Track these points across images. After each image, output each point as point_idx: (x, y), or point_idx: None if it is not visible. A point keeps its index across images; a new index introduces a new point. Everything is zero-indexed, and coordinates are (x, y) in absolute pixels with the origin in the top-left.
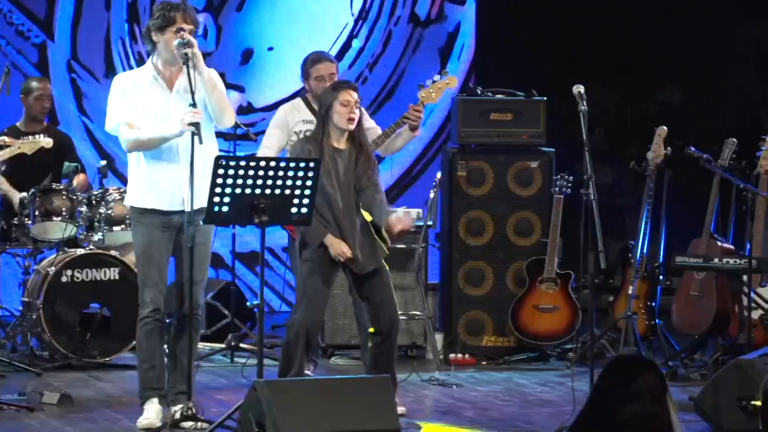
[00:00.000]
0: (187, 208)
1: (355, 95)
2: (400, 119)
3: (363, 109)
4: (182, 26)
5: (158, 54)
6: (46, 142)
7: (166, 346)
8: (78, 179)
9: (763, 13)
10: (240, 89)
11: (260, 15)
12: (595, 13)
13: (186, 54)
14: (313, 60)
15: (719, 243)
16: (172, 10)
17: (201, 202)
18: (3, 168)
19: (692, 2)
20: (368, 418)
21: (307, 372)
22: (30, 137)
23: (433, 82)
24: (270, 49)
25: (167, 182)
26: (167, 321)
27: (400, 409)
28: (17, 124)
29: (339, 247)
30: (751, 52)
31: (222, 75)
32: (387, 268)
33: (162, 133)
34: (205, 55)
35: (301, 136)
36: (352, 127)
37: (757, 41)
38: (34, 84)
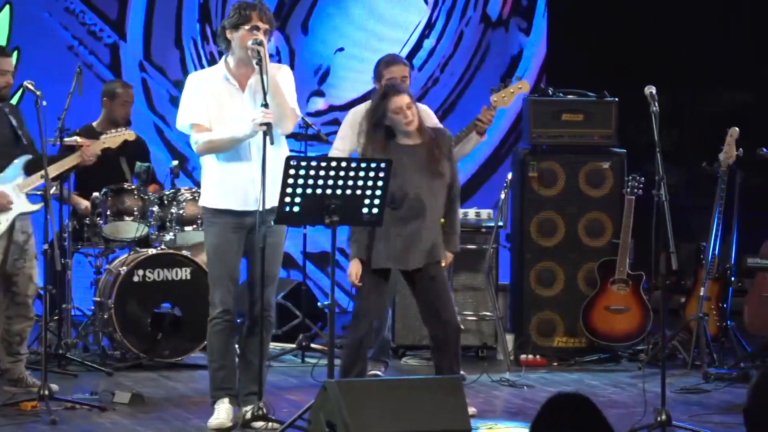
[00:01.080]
0: (260, 208)
1: (405, 99)
2: (473, 122)
3: (429, 111)
4: (257, 24)
5: (231, 53)
6: (129, 134)
7: (237, 346)
8: (151, 188)
9: None
10: (321, 94)
11: (331, 15)
12: (665, 14)
13: (259, 53)
14: (386, 62)
15: None
16: (248, 9)
17: (273, 201)
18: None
19: (757, 2)
20: (439, 418)
21: (377, 372)
22: (113, 131)
23: (506, 86)
24: (340, 49)
25: (240, 182)
26: (238, 321)
27: (471, 410)
28: (93, 124)
29: (351, 270)
30: None
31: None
32: (443, 270)
33: (233, 134)
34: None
35: None
36: (413, 128)
37: None
38: (120, 89)
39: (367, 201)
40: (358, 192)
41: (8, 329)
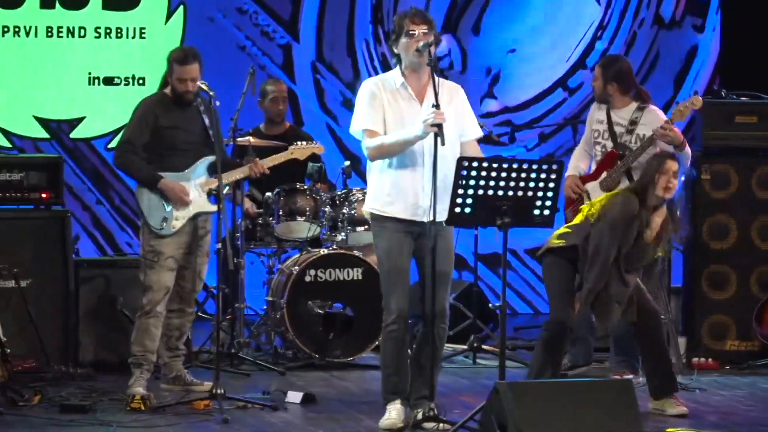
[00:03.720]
0: (430, 210)
1: (675, 166)
2: (652, 135)
3: None
4: (411, 28)
5: (404, 64)
6: (318, 148)
7: (410, 350)
8: (320, 186)
9: None
10: (493, 96)
11: (503, 17)
12: None
13: (429, 53)
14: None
15: None
16: (402, 18)
17: (442, 214)
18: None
19: None
20: (610, 421)
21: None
22: (302, 143)
23: (682, 103)
24: (512, 51)
25: (410, 192)
26: (410, 322)
27: (681, 410)
28: (260, 126)
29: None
30: None
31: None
32: None
33: (404, 136)
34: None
35: (595, 136)
36: (669, 196)
37: None
38: (269, 87)
39: (538, 202)
40: (530, 193)
41: (169, 323)
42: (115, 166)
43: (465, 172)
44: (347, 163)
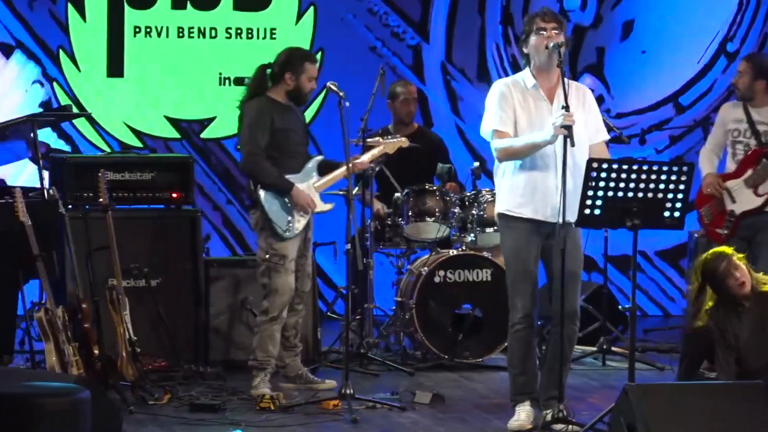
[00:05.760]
0: (560, 210)
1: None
2: None
3: None
4: (542, 26)
5: (533, 63)
6: (402, 141)
7: (538, 350)
8: (449, 186)
9: None
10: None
11: (633, 18)
12: None
13: (559, 53)
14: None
15: None
16: (533, 17)
17: (573, 215)
18: (377, 168)
19: None
20: (742, 424)
21: None
22: (389, 137)
23: None
24: (643, 52)
25: (542, 193)
26: (539, 323)
27: None
28: (389, 126)
29: None
30: None
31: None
32: None
33: (533, 140)
34: None
35: (735, 135)
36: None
37: None
38: (399, 88)
39: (668, 204)
40: (660, 195)
41: (285, 323)
42: (243, 171)
43: (595, 174)
44: (476, 164)
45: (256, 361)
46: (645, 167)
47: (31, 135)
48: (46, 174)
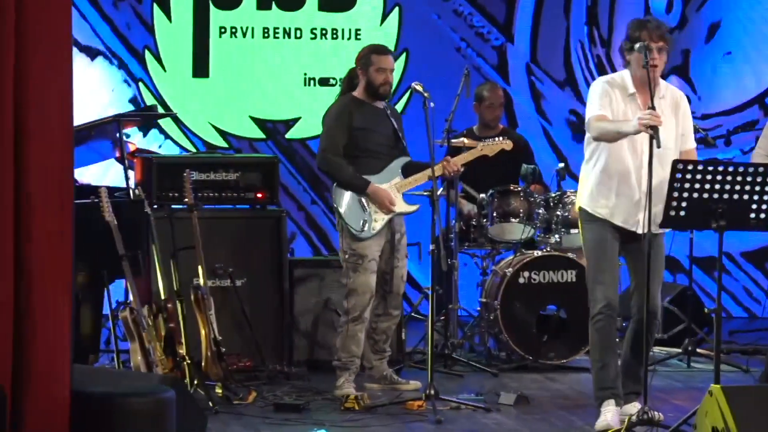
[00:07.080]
0: (645, 210)
1: None
2: None
3: None
4: (648, 44)
5: (632, 73)
6: (506, 144)
7: (620, 351)
8: (534, 187)
9: None
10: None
11: (721, 19)
12: None
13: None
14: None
15: None
16: (638, 29)
17: (657, 223)
18: (463, 169)
19: None
20: None
21: None
22: (490, 140)
23: None
24: (728, 53)
25: (625, 199)
26: (624, 324)
27: None
28: (474, 127)
29: None
30: None
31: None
32: None
33: (621, 127)
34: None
35: None
36: None
37: None
38: (485, 93)
39: (754, 206)
40: (746, 197)
41: (375, 327)
42: (320, 169)
43: (680, 175)
44: (561, 165)
45: (340, 361)
46: (730, 169)
47: (117, 135)
48: (131, 174)
